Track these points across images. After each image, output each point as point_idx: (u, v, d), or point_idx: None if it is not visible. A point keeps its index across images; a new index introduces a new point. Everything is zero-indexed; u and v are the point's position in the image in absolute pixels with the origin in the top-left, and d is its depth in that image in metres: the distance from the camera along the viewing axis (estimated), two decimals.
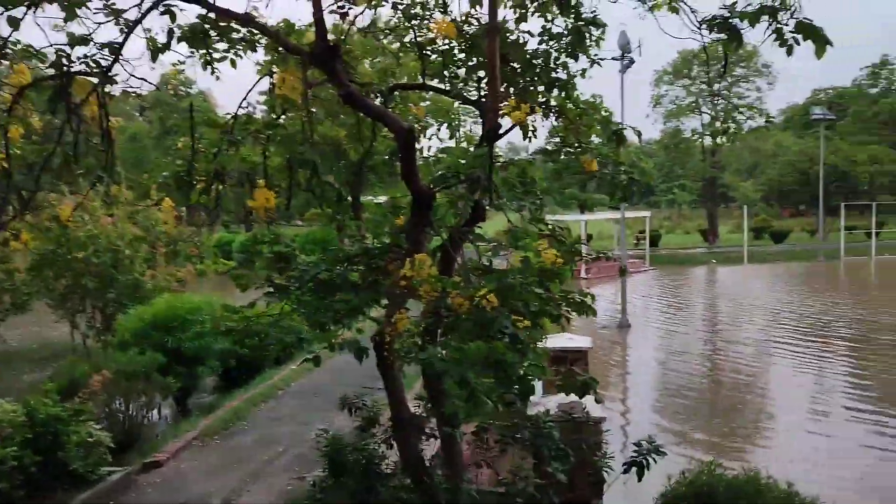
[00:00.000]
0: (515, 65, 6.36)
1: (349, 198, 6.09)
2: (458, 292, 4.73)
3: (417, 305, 5.12)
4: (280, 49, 5.18)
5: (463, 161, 5.04)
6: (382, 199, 7.36)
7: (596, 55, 6.47)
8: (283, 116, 5.96)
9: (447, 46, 6.36)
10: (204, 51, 5.27)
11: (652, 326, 25.32)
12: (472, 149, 5.60)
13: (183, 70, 5.89)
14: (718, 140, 57.48)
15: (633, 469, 5.35)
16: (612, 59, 6.22)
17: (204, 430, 10.37)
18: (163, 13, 4.67)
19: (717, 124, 59.21)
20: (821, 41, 3.60)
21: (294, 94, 4.94)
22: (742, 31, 3.96)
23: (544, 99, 6.12)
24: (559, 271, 5.21)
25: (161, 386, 11.42)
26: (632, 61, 22.65)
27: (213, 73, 5.58)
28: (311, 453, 7.58)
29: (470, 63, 6.68)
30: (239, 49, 5.47)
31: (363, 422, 6.61)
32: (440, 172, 5.15)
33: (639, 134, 5.87)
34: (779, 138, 74.62)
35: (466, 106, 6.80)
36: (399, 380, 5.77)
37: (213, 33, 5.00)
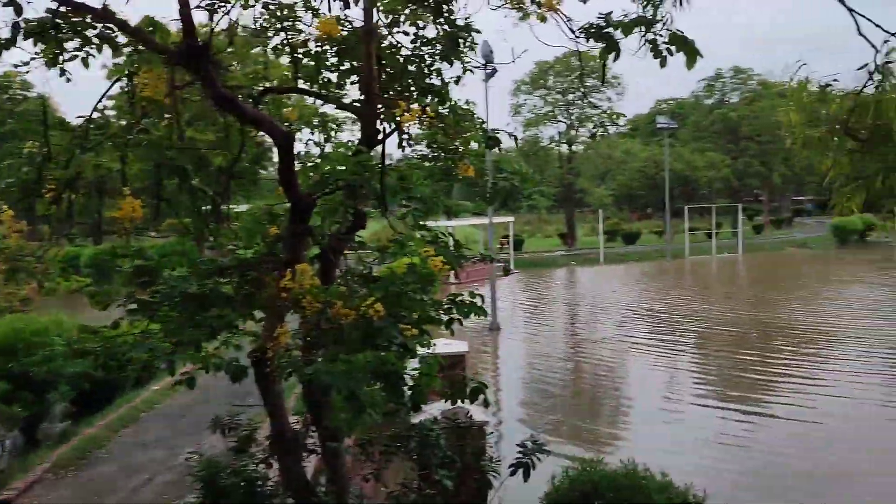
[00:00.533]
0: (390, 70, 6.28)
1: (221, 206, 5.75)
2: (342, 302, 4.58)
3: (292, 318, 4.92)
4: (142, 48, 4.81)
5: (343, 167, 4.89)
6: (244, 207, 7.05)
7: (469, 62, 6.52)
8: (143, 120, 5.55)
9: (320, 49, 6.17)
10: (53, 49, 4.80)
11: (521, 328, 26.02)
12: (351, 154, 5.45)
13: (27, 71, 5.36)
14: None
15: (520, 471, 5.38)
16: (477, 67, 6.24)
17: (58, 462, 9.56)
18: (6, 4, 4.22)
19: (573, 132, 61.91)
20: (692, 53, 3.77)
21: (159, 95, 4.61)
22: (618, 41, 4.07)
23: (421, 106, 6.07)
24: (434, 277, 5.18)
25: (5, 416, 10.41)
26: (495, 70, 23.19)
27: (62, 73, 5.10)
28: (183, 479, 7.14)
29: (343, 67, 6.54)
30: (92, 47, 5.04)
31: (239, 442, 6.28)
32: (320, 178, 4.98)
33: (515, 138, 5.95)
34: (628, 146, 79.02)
35: (342, 112, 6.58)
36: (281, 396, 5.52)
37: (64, 29, 4.57)
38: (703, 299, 31.47)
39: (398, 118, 4.65)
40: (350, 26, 6.04)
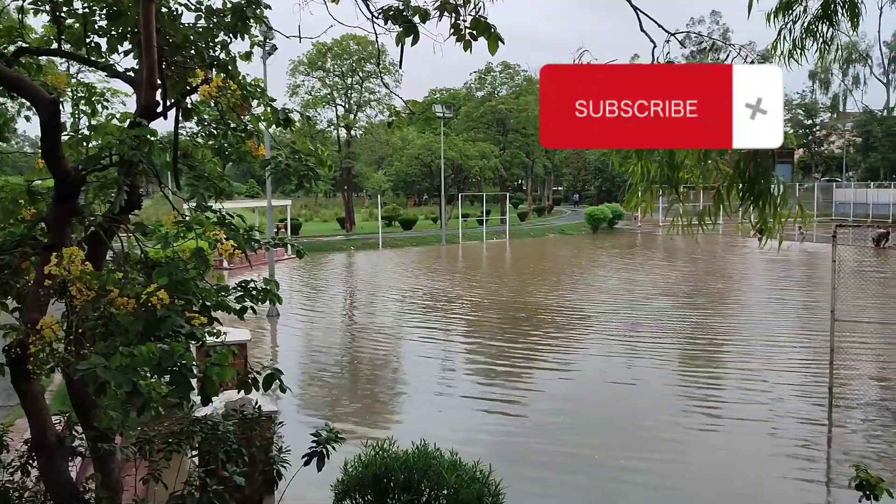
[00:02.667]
0: (170, 39, 5.82)
1: None
2: (119, 290, 4.18)
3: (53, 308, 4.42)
4: None
5: (118, 140, 4.43)
6: None
7: (257, 38, 6.23)
8: None
9: (87, 9, 5.55)
10: None
11: (301, 314, 25.63)
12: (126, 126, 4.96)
13: None
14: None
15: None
16: (256, 45, 5.98)
17: None
18: None
19: (352, 116, 61.91)
20: (494, 39, 3.89)
21: None
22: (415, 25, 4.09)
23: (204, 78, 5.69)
24: (207, 261, 4.92)
25: None
26: (274, 47, 22.58)
27: None
28: None
29: (114, 32, 5.94)
30: None
31: None
32: (91, 153, 4.48)
33: (307, 119, 5.78)
34: (404, 132, 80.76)
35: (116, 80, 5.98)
36: (42, 396, 4.92)
37: None
38: (472, 284, 33.13)
39: (189, 88, 4.29)
40: None
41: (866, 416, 13.25)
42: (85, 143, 4.74)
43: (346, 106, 61.61)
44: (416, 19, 4.36)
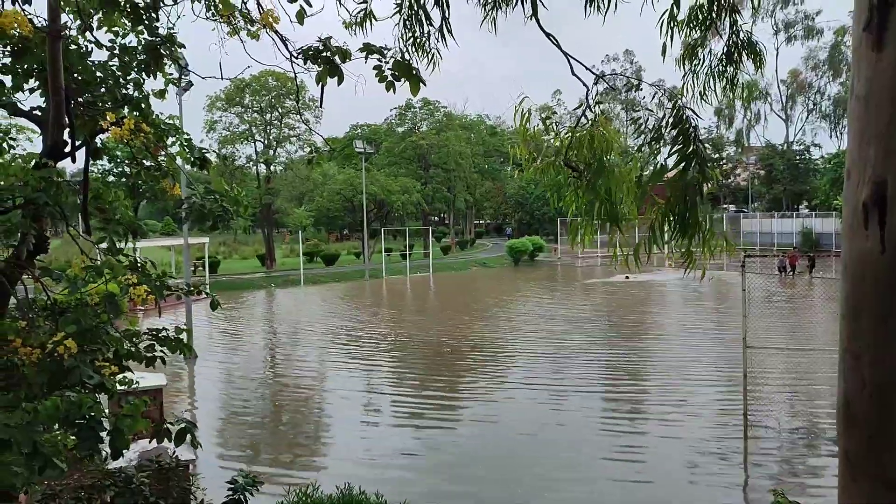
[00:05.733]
0: (78, 76, 5.64)
1: None
2: (21, 340, 3.97)
3: None
4: None
5: (23, 182, 4.24)
6: None
7: (171, 75, 6.11)
8: None
9: None
10: None
11: (219, 355, 24.88)
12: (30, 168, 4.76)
13: None
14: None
15: None
16: (170, 83, 5.83)
17: None
18: None
19: (271, 152, 61.17)
20: (415, 81, 3.93)
21: None
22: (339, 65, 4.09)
23: (117, 117, 5.53)
24: (118, 307, 4.74)
25: None
26: (190, 83, 22.11)
27: None
28: None
29: (19, 70, 5.72)
30: None
31: None
32: None
33: (224, 159, 5.68)
34: (325, 168, 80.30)
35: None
36: None
37: None
38: (396, 320, 32.96)
39: (99, 129, 4.15)
40: (31, 25, 5.30)
41: (780, 440, 13.76)
42: None
43: (266, 142, 60.86)
44: (337, 59, 4.37)
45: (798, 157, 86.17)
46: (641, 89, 5.04)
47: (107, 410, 4.19)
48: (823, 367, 16.48)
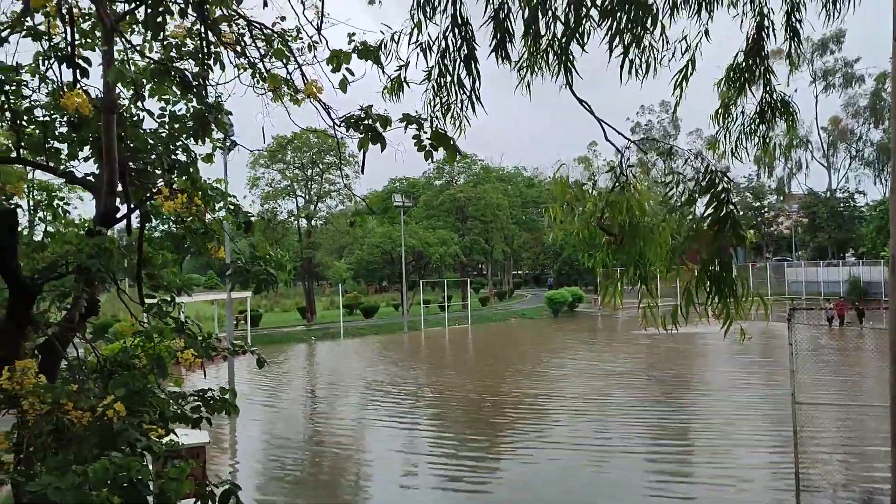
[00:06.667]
0: (131, 143, 5.87)
1: None
2: (73, 403, 4.07)
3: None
4: None
5: (77, 249, 4.40)
6: None
7: (219, 139, 6.34)
8: None
9: (48, 117, 5.60)
10: None
11: (261, 409, 24.97)
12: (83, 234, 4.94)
13: None
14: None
15: None
16: (217, 148, 6.04)
17: None
18: None
19: (312, 207, 62.22)
20: (451, 150, 4.03)
21: None
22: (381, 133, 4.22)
23: (165, 181, 5.73)
24: (165, 370, 4.83)
25: None
26: (235, 144, 22.82)
27: None
28: None
29: (74, 138, 5.99)
30: None
31: None
32: (47, 262, 4.43)
33: (268, 222, 5.83)
34: (365, 221, 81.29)
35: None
36: None
37: None
38: (435, 374, 32.79)
39: (150, 195, 4.31)
40: (87, 96, 5.57)
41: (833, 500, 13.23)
42: (40, 251, 4.69)
43: (307, 197, 62.00)
44: (378, 126, 4.49)
45: (842, 205, 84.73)
46: (673, 156, 5.06)
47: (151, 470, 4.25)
48: (878, 423, 15.87)
